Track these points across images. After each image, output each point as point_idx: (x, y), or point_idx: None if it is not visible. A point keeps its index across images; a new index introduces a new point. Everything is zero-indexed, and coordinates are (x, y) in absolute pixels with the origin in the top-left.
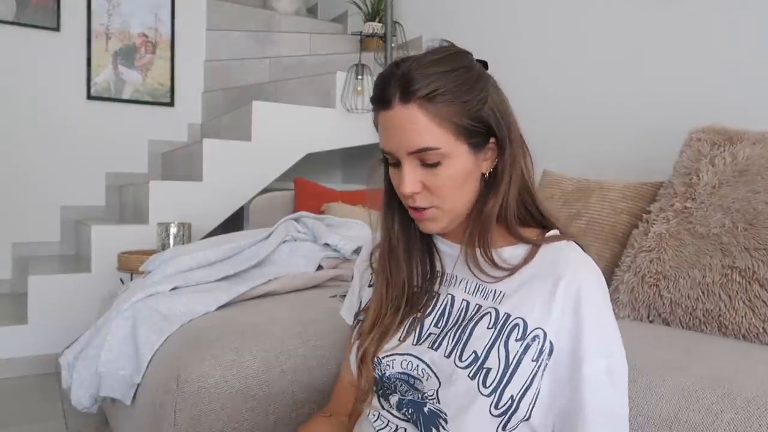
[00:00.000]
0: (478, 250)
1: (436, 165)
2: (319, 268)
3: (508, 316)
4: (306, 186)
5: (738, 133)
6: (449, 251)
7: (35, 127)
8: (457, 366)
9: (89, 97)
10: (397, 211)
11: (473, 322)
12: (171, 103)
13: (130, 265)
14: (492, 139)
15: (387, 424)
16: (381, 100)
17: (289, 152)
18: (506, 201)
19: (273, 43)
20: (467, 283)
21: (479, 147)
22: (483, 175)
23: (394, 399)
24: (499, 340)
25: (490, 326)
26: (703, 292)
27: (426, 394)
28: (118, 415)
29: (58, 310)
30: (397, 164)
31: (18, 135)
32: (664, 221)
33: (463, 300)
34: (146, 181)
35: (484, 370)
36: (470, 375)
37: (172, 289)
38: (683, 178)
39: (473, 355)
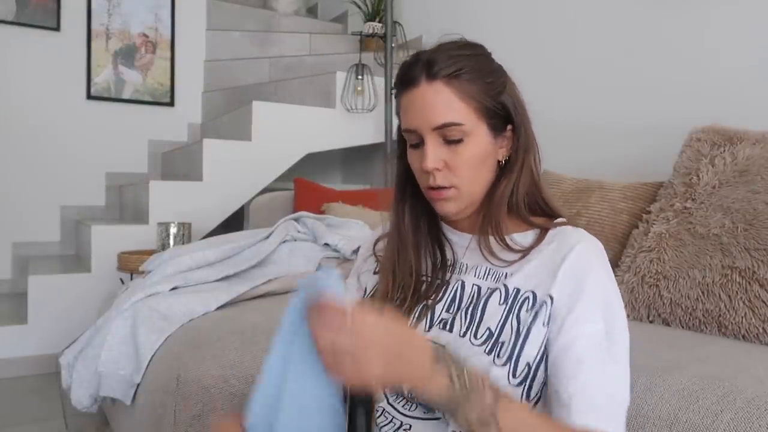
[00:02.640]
0: (491, 236)
1: (458, 142)
2: (319, 267)
3: (518, 290)
4: (306, 186)
5: (738, 133)
6: (459, 241)
7: (35, 126)
8: (472, 344)
9: (89, 97)
10: (408, 200)
11: (483, 300)
12: (171, 103)
13: (130, 265)
14: (509, 127)
15: (391, 421)
16: (406, 80)
17: (289, 152)
18: (517, 186)
19: (273, 43)
20: (477, 268)
21: (497, 131)
22: (498, 162)
23: None
24: (512, 314)
25: (501, 302)
26: (703, 292)
27: None
28: (118, 415)
29: (58, 310)
30: (418, 144)
31: (18, 135)
32: (664, 221)
33: (473, 285)
34: (146, 181)
35: (499, 345)
36: (486, 351)
37: (172, 289)
38: (683, 178)
39: (487, 332)
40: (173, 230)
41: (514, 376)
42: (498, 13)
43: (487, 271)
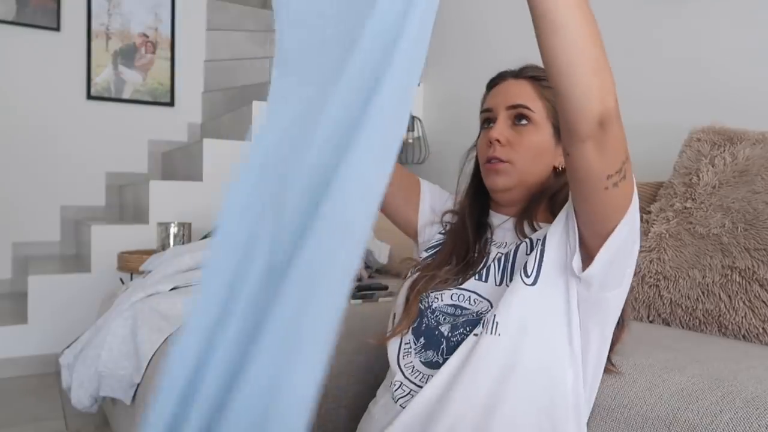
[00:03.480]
0: (526, 222)
1: (524, 125)
2: None
3: (539, 240)
4: None
5: (738, 133)
6: (497, 221)
7: (35, 127)
8: (507, 286)
9: (89, 97)
10: (475, 194)
11: (513, 253)
12: (171, 103)
13: (130, 265)
14: None
15: (409, 393)
16: (496, 78)
17: None
18: (562, 188)
19: (273, 43)
20: (506, 242)
21: (560, 138)
22: (555, 168)
23: (445, 327)
24: (538, 253)
25: (528, 252)
26: (703, 293)
27: (480, 311)
28: (118, 415)
29: (58, 310)
30: (490, 123)
31: (18, 135)
32: (664, 221)
33: (505, 252)
34: (146, 181)
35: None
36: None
37: (172, 288)
38: (683, 178)
39: (520, 274)
40: (173, 230)
41: (527, 275)
42: (498, 13)
43: (513, 240)
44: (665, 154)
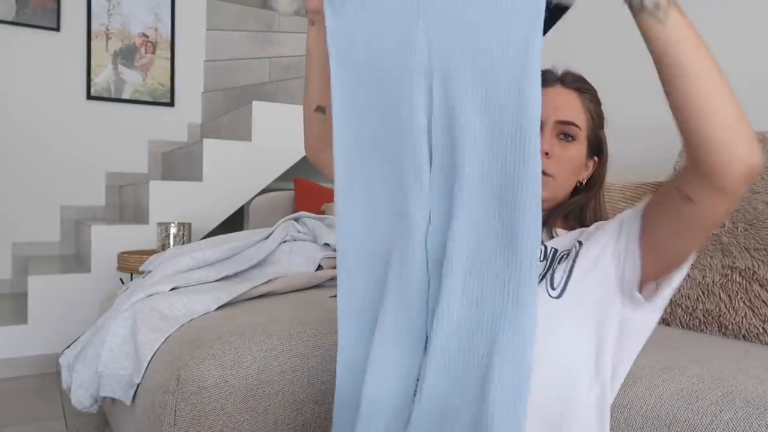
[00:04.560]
0: (544, 230)
1: (570, 140)
2: (319, 268)
3: (555, 250)
4: (306, 186)
5: None
6: None
7: (35, 127)
8: None
9: (89, 97)
10: None
11: None
12: (171, 103)
13: (130, 265)
14: (595, 157)
15: None
16: (543, 79)
17: (289, 152)
18: (586, 205)
19: (273, 43)
20: None
21: (589, 152)
22: (579, 183)
23: None
24: (551, 269)
25: (541, 259)
26: (703, 292)
27: None
28: (118, 415)
29: (58, 310)
30: None
31: (18, 135)
32: None
33: None
34: (146, 181)
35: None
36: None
37: (172, 289)
38: None
39: (546, 286)
40: (173, 230)
41: (553, 288)
42: None
43: None
44: (665, 154)
